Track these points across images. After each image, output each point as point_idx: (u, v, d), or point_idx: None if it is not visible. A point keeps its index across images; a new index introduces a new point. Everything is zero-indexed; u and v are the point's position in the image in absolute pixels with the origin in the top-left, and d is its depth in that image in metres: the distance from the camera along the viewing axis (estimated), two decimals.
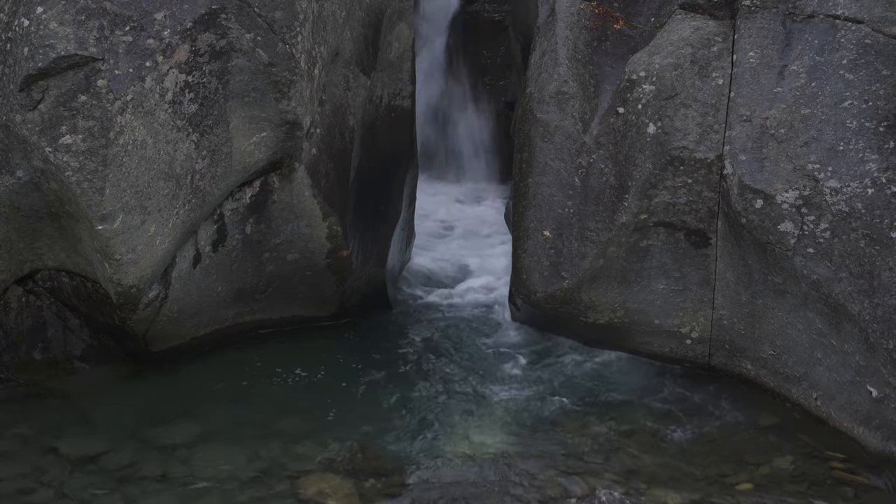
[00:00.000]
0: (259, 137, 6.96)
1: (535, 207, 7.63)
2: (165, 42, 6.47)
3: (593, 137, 7.40)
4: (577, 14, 7.72)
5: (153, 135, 6.48)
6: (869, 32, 6.50)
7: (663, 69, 7.10)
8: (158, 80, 6.45)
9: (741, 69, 6.92)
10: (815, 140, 6.54)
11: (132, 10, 6.43)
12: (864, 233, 6.34)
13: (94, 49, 6.31)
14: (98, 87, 6.29)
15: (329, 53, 7.29)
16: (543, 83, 7.66)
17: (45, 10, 6.28)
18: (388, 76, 8.32)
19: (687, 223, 7.15)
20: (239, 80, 6.75)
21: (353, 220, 7.81)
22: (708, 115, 6.98)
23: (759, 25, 6.94)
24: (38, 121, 6.29)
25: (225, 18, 6.63)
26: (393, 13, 8.21)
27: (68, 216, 6.66)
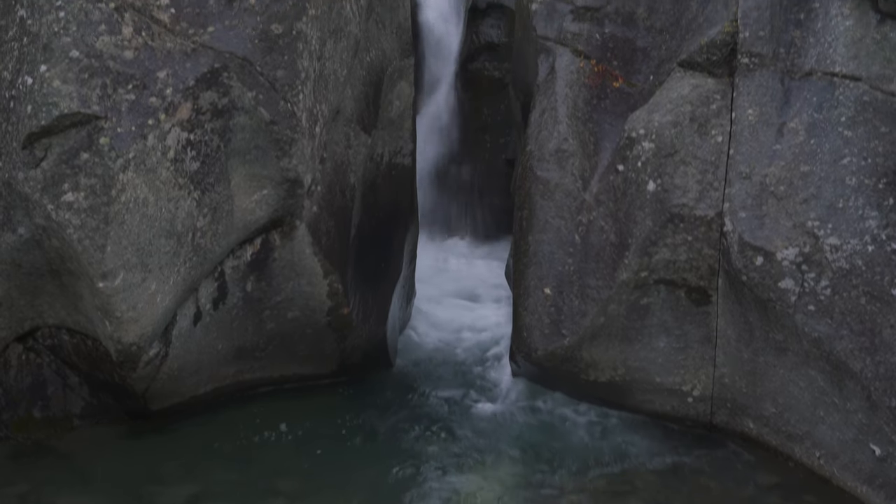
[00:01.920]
0: (260, 195, 6.98)
1: (536, 265, 7.63)
2: (168, 100, 6.51)
3: (593, 195, 7.41)
4: (576, 72, 7.76)
5: (155, 192, 6.50)
6: (867, 90, 6.54)
7: (663, 127, 7.14)
8: (161, 137, 6.49)
9: (740, 127, 6.95)
10: (815, 197, 6.55)
11: (135, 69, 6.47)
12: (864, 290, 6.33)
13: (97, 107, 6.35)
14: (100, 145, 6.33)
15: (330, 112, 7.33)
16: (543, 141, 7.69)
17: (49, 68, 6.33)
18: (389, 134, 8.36)
19: (687, 280, 7.15)
20: (240, 137, 6.78)
21: (353, 277, 7.81)
22: (707, 172, 7.00)
23: (758, 83, 6.98)
24: (40, 178, 6.31)
25: (227, 77, 6.67)
26: (394, 72, 8.26)
27: (69, 273, 6.66)
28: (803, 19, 6.97)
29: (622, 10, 7.87)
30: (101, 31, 6.44)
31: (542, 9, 8.04)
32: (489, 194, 11.49)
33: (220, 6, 6.76)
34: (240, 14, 6.76)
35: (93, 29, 6.43)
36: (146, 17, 6.61)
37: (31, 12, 6.52)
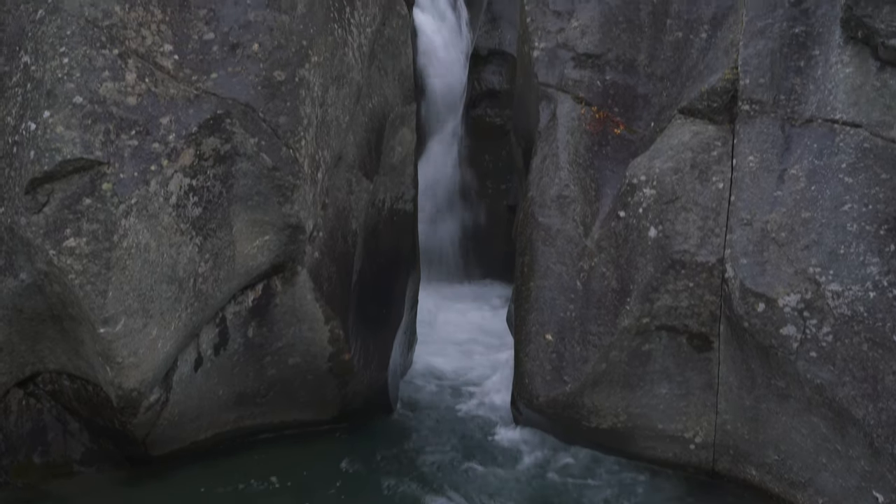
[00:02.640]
0: (262, 241, 6.99)
1: (538, 311, 7.63)
2: (171, 146, 6.53)
3: (595, 241, 7.42)
4: (577, 119, 7.79)
5: (157, 238, 6.51)
6: (867, 136, 6.56)
7: (664, 173, 7.15)
8: (163, 183, 6.50)
9: (741, 173, 6.97)
10: (816, 243, 6.56)
11: (138, 115, 6.50)
12: (866, 336, 6.32)
13: (100, 153, 6.37)
14: (103, 191, 6.34)
15: (332, 158, 7.35)
16: (545, 187, 7.71)
17: (53, 114, 6.35)
18: (391, 180, 8.38)
19: (689, 327, 7.14)
20: (243, 183, 6.80)
21: (354, 323, 7.80)
22: (709, 218, 7.01)
23: (759, 130, 7.00)
24: (42, 224, 6.32)
25: (230, 123, 6.70)
26: (396, 118, 8.30)
27: (70, 319, 6.66)
28: (803, 67, 7.01)
29: (623, 58, 7.91)
30: (105, 78, 6.47)
31: (544, 56, 8.08)
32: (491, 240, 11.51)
33: (224, 53, 6.80)
34: (243, 61, 6.80)
35: (96, 75, 6.46)
36: (150, 63, 6.65)
37: (35, 58, 6.56)
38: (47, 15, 6.59)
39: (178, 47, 6.78)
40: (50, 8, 6.59)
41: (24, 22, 6.70)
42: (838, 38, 6.82)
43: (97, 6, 6.57)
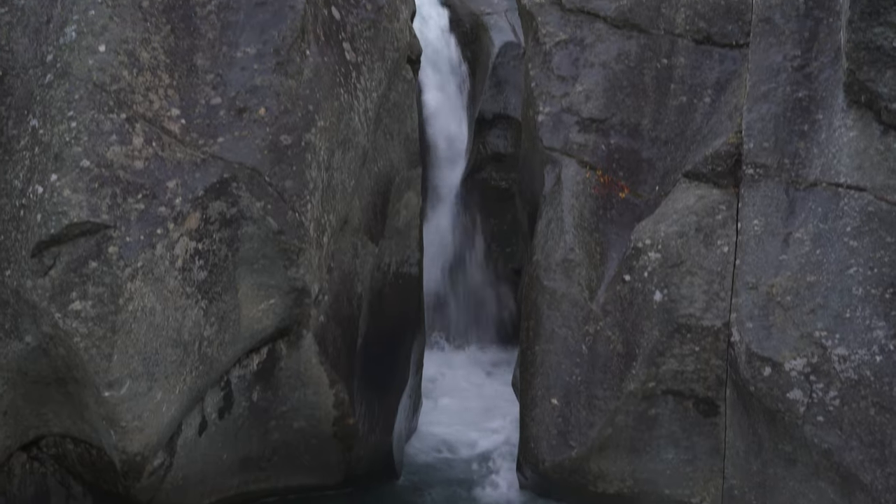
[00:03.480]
0: (267, 304, 6.99)
1: (543, 375, 7.61)
2: (177, 210, 6.56)
3: (600, 305, 7.42)
4: (582, 183, 7.82)
5: (162, 301, 6.51)
6: (872, 200, 6.57)
7: (669, 237, 7.17)
8: (169, 247, 6.52)
9: (746, 237, 6.98)
10: (822, 307, 6.55)
11: (145, 179, 6.53)
12: (873, 401, 6.30)
13: (107, 216, 6.39)
14: (109, 254, 6.35)
15: (338, 221, 7.37)
16: (550, 251, 7.72)
17: (60, 177, 6.39)
18: (396, 243, 8.39)
19: (695, 391, 7.12)
20: (248, 247, 6.81)
21: (359, 387, 7.78)
22: (714, 282, 7.01)
23: (763, 194, 7.02)
24: (48, 287, 6.33)
25: (236, 187, 6.72)
26: (401, 181, 8.33)
27: (75, 382, 6.65)
28: (807, 130, 7.04)
29: (627, 122, 7.95)
30: (112, 142, 6.51)
31: (548, 120, 8.12)
32: (496, 304, 11.49)
33: (231, 117, 6.84)
34: (249, 125, 6.84)
35: (104, 139, 6.50)
36: (157, 127, 6.69)
37: (43, 122, 6.60)
38: (56, 79, 6.64)
39: (185, 112, 6.82)
40: (59, 72, 6.65)
41: (32, 86, 6.76)
42: (842, 103, 6.86)
43: (105, 71, 6.62)
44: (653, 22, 8.11)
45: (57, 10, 6.87)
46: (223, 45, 7.00)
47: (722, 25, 7.93)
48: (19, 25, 6.97)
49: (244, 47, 6.98)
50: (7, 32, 6.96)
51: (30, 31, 6.93)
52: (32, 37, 6.91)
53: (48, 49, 6.77)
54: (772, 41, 7.41)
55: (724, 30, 7.91)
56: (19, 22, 6.98)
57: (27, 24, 6.95)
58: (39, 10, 6.94)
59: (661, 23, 8.09)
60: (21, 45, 6.93)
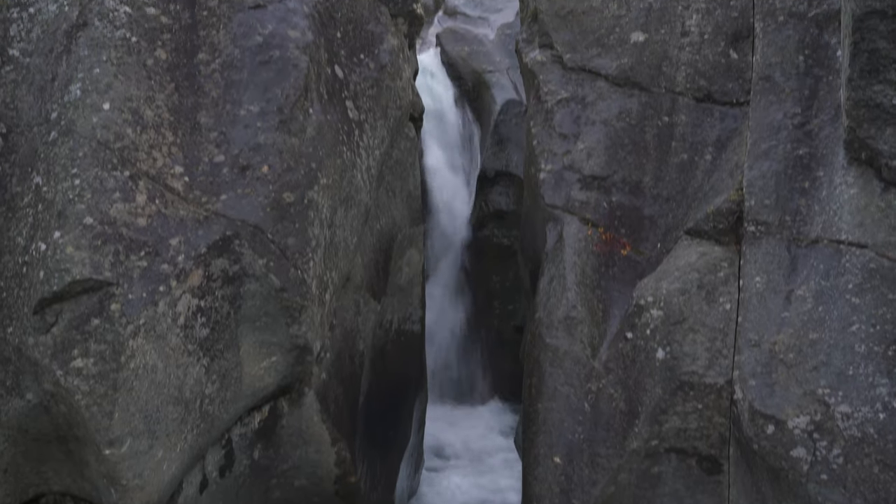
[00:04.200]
0: (269, 362, 6.98)
1: (545, 433, 7.58)
2: (179, 267, 6.57)
3: (602, 363, 7.40)
4: (584, 240, 7.83)
5: (164, 359, 6.51)
6: (873, 257, 6.57)
7: (671, 294, 7.17)
8: (171, 304, 6.52)
9: (748, 294, 6.98)
10: (825, 364, 6.53)
11: (148, 236, 6.54)
12: (877, 458, 6.26)
13: (109, 273, 6.40)
14: (111, 311, 6.36)
15: (340, 279, 7.38)
16: (552, 308, 7.71)
17: (63, 234, 6.40)
18: (399, 301, 8.40)
19: (698, 449, 7.09)
20: (251, 304, 6.81)
21: (361, 445, 7.75)
22: (716, 340, 7.00)
23: (765, 251, 7.03)
24: (50, 344, 6.33)
25: (239, 244, 6.74)
26: (403, 239, 8.35)
27: (76, 440, 6.62)
28: (808, 188, 7.05)
29: (629, 179, 7.98)
30: (116, 199, 6.53)
31: (550, 178, 8.15)
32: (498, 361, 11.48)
33: (234, 175, 6.87)
34: (252, 182, 6.87)
35: (107, 196, 6.52)
36: (160, 185, 6.72)
37: (46, 179, 6.63)
38: (60, 137, 6.68)
39: (188, 169, 6.86)
40: (63, 130, 6.68)
41: (36, 143, 6.79)
42: (842, 160, 6.88)
43: (109, 129, 6.66)
44: (654, 80, 8.16)
45: (62, 68, 6.92)
46: (227, 103, 7.05)
47: (722, 83, 7.97)
48: (24, 83, 7.02)
49: (248, 105, 7.03)
50: (12, 90, 7.01)
51: (34, 89, 6.98)
52: (37, 94, 6.96)
53: (53, 107, 6.81)
54: (772, 99, 7.45)
55: (724, 88, 7.96)
56: (24, 80, 7.03)
57: (32, 81, 7.00)
58: (44, 68, 7.00)
59: (662, 81, 8.15)
60: (26, 103, 6.97)
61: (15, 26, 7.22)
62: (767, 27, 7.77)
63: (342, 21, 7.96)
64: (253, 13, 7.36)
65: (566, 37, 8.58)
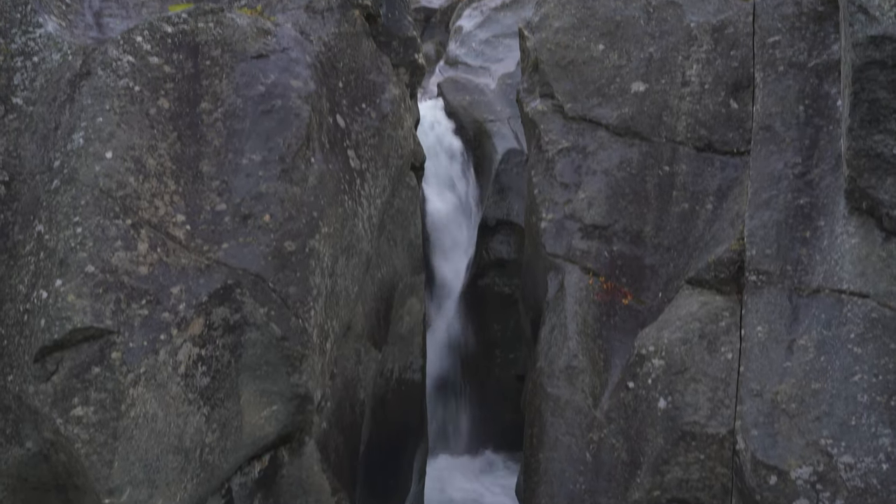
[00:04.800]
0: (270, 411, 6.95)
1: (547, 483, 7.54)
2: (180, 316, 6.57)
3: (604, 412, 7.38)
4: (585, 289, 7.83)
5: (164, 408, 6.49)
6: (875, 307, 6.57)
7: (672, 344, 7.16)
8: (172, 353, 6.51)
9: (750, 344, 6.97)
10: (827, 415, 6.51)
11: (149, 284, 6.55)
12: None
13: (110, 322, 6.40)
14: (112, 360, 6.34)
15: (341, 327, 7.37)
16: (553, 357, 7.70)
17: (64, 282, 6.41)
18: (399, 350, 8.39)
19: (701, 500, 7.04)
20: (251, 353, 6.80)
21: (362, 495, 7.71)
22: (718, 389, 6.99)
23: (766, 300, 7.03)
24: (50, 392, 6.31)
25: (240, 293, 6.74)
26: (405, 287, 8.35)
27: (75, 488, 6.59)
28: (809, 237, 7.06)
29: (630, 229, 7.99)
30: (117, 247, 6.54)
31: (551, 227, 8.17)
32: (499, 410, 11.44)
33: (235, 223, 6.88)
34: (254, 231, 6.88)
35: (109, 245, 6.53)
36: (162, 233, 6.73)
37: (48, 227, 6.64)
38: (62, 185, 6.70)
39: (190, 218, 6.87)
40: (65, 178, 6.70)
41: (39, 191, 6.81)
42: (843, 209, 6.89)
43: (112, 177, 6.68)
44: (654, 130, 8.19)
45: (65, 117, 6.95)
46: (229, 152, 7.07)
47: (723, 133, 8.01)
48: (27, 132, 7.04)
49: (250, 154, 7.05)
50: (15, 138, 7.04)
51: (38, 138, 7.01)
52: (40, 143, 6.99)
53: (55, 155, 6.84)
54: (773, 149, 7.48)
55: (724, 137, 7.99)
56: (27, 128, 7.06)
57: (35, 130, 7.03)
58: (48, 116, 7.03)
59: (663, 130, 8.18)
60: (29, 151, 7.00)
61: (19, 75, 7.26)
62: (768, 77, 7.81)
63: (344, 71, 8.00)
64: (255, 63, 7.40)
65: (567, 87, 8.62)
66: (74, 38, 7.51)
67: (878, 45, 6.29)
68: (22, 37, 7.38)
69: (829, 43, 7.76)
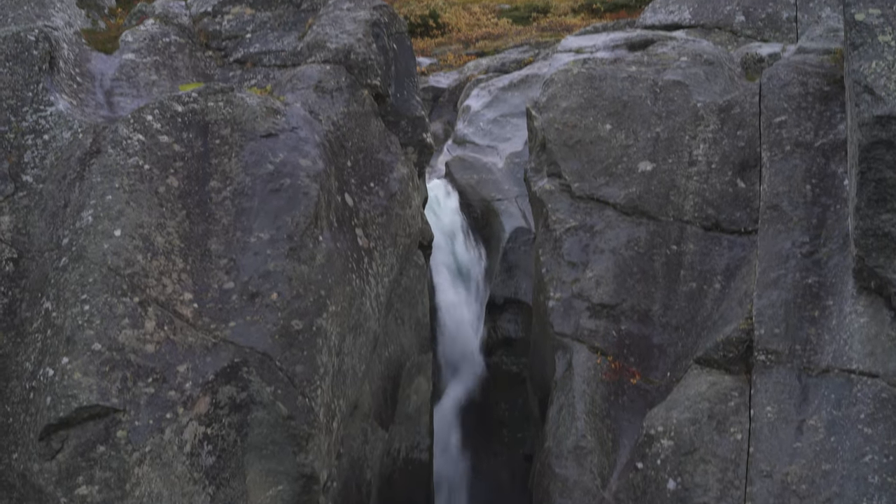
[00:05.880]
0: (275, 490, 6.90)
1: None
2: (187, 394, 6.54)
3: (612, 493, 7.32)
4: (593, 368, 7.80)
5: (169, 487, 6.44)
6: (885, 387, 6.54)
7: (681, 424, 7.11)
8: (178, 431, 6.48)
9: (759, 424, 6.92)
10: (838, 496, 6.45)
11: (156, 363, 6.53)
12: None
13: (116, 400, 6.37)
14: (117, 438, 6.31)
15: (348, 407, 7.34)
16: (561, 437, 7.65)
17: (71, 360, 6.40)
18: (406, 429, 8.34)
19: None
20: (258, 432, 6.76)
21: None
22: (728, 470, 6.92)
23: (775, 380, 6.99)
24: (55, 470, 6.28)
25: (247, 371, 6.72)
26: (412, 366, 8.32)
27: None
28: (818, 317, 7.04)
29: (638, 308, 7.98)
30: (125, 325, 6.54)
31: (559, 306, 8.15)
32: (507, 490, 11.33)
33: (243, 302, 6.88)
34: (261, 310, 6.87)
35: (116, 322, 6.53)
36: (169, 311, 6.73)
37: (56, 305, 6.65)
38: (71, 262, 6.71)
39: (197, 296, 6.87)
40: (74, 256, 6.72)
41: (47, 269, 6.83)
42: (851, 289, 6.88)
43: (120, 255, 6.70)
44: (662, 209, 8.21)
45: (75, 195, 6.99)
46: (237, 230, 7.09)
47: (730, 212, 8.02)
48: (37, 209, 7.08)
49: (258, 232, 7.07)
50: (24, 216, 7.07)
51: (47, 215, 7.04)
52: (49, 220, 7.02)
53: (64, 233, 6.86)
54: (780, 228, 7.49)
55: (732, 216, 8.00)
56: (37, 206, 7.10)
57: (45, 207, 7.07)
58: (57, 194, 7.07)
59: (670, 210, 8.20)
60: (38, 229, 7.03)
61: (29, 153, 7.31)
62: (774, 157, 7.85)
63: (353, 150, 8.05)
64: (265, 142, 7.45)
65: (574, 166, 8.66)
66: (85, 117, 7.58)
67: (885, 125, 6.32)
68: (33, 115, 7.44)
69: (835, 123, 7.81)
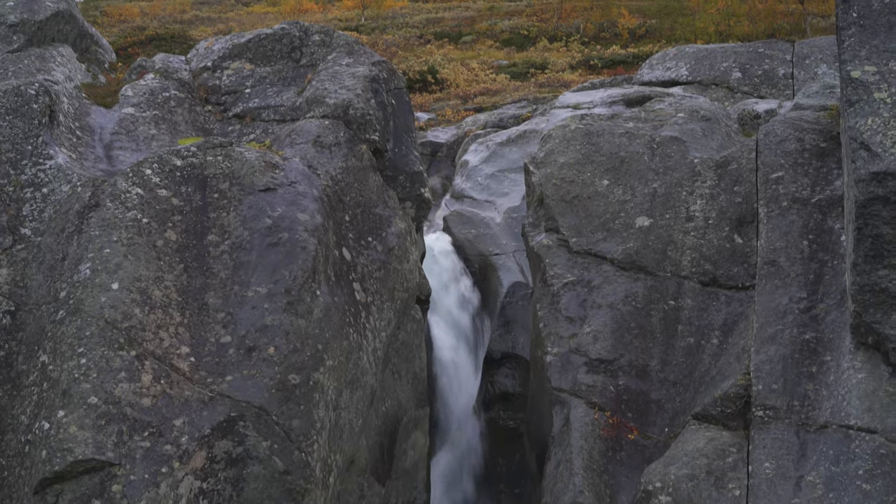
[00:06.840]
0: None
1: None
2: (183, 448, 6.52)
3: None
4: (591, 424, 7.78)
5: None
6: (883, 442, 6.52)
7: (679, 480, 7.08)
8: (173, 486, 6.45)
9: (757, 480, 6.89)
10: None
11: (152, 416, 6.51)
12: None
13: (112, 454, 6.35)
14: (112, 493, 6.28)
15: (344, 461, 7.31)
16: (559, 493, 7.61)
17: (67, 413, 6.37)
18: (403, 484, 8.30)
19: None
20: (253, 487, 6.73)
21: None
22: None
23: (773, 436, 6.97)
24: None
25: (243, 426, 6.70)
26: (409, 421, 8.30)
27: None
28: (816, 372, 7.04)
29: (636, 363, 7.97)
30: (121, 379, 6.53)
31: (557, 361, 8.14)
32: None
33: (240, 356, 6.87)
34: (258, 364, 6.86)
35: (112, 376, 6.52)
36: (166, 365, 6.72)
37: (52, 358, 6.64)
38: (68, 315, 6.71)
39: (194, 349, 6.86)
40: (71, 309, 6.72)
41: (44, 322, 6.83)
42: (849, 344, 6.88)
43: (117, 308, 6.70)
44: (659, 264, 8.23)
45: (73, 248, 7.00)
46: (235, 283, 7.10)
47: (728, 268, 8.04)
48: (35, 262, 7.09)
49: (255, 286, 7.08)
50: (22, 269, 7.08)
51: (45, 268, 7.05)
52: (47, 273, 7.03)
53: (62, 286, 6.87)
54: (777, 283, 7.50)
55: (729, 272, 8.02)
56: (35, 258, 7.11)
57: (42, 260, 7.08)
58: (55, 247, 7.08)
59: (668, 265, 8.21)
60: (35, 282, 7.04)
61: (28, 206, 7.33)
62: (771, 212, 7.87)
63: (351, 204, 8.07)
64: (263, 196, 7.47)
65: (572, 221, 8.69)
66: (84, 171, 7.61)
67: (881, 181, 6.35)
68: (32, 168, 7.48)
69: (831, 179, 7.85)
